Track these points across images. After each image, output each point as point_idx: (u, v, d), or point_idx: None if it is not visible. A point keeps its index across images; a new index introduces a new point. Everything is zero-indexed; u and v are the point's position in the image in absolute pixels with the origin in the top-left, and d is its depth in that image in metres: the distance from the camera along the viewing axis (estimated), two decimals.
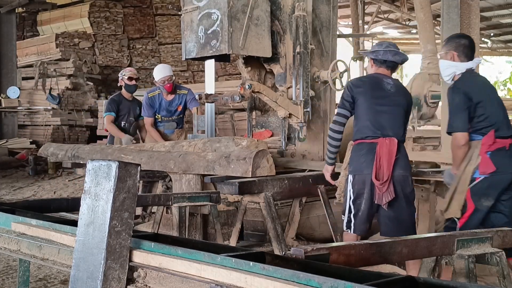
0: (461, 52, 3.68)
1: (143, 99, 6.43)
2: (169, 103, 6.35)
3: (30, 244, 2.52)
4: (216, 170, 4.15)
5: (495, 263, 2.49)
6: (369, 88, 3.85)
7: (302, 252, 2.00)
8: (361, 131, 3.82)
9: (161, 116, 6.39)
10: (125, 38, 14.14)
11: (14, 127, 12.73)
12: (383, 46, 3.94)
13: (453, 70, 3.71)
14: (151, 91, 6.42)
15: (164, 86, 6.21)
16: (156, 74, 6.29)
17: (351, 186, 3.82)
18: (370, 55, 3.94)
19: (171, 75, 6.28)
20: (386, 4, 17.24)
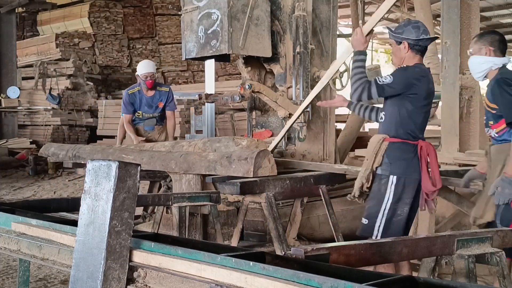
0: (497, 47, 3.56)
1: (123, 96, 6.49)
2: (150, 99, 6.41)
3: (30, 244, 2.52)
4: (218, 170, 4.15)
5: (495, 263, 2.49)
6: (425, 86, 3.56)
7: (302, 252, 2.00)
8: (407, 130, 3.55)
9: (142, 113, 6.44)
10: (125, 38, 14.16)
11: (14, 127, 12.74)
12: (420, 31, 3.57)
13: (489, 66, 3.55)
14: (131, 88, 6.50)
15: (145, 82, 6.28)
16: (140, 68, 6.38)
17: (394, 188, 3.52)
18: (409, 41, 3.56)
19: (154, 72, 6.39)
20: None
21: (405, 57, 3.59)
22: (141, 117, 6.45)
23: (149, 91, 6.37)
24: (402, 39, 3.57)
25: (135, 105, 6.39)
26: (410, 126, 3.55)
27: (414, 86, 3.50)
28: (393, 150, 3.55)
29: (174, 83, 14.44)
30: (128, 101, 6.37)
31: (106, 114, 11.74)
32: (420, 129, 3.60)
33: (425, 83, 3.54)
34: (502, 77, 3.48)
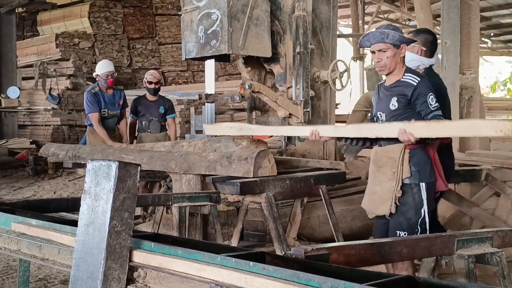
0: (428, 48, 3.73)
1: (86, 96, 6.66)
2: (112, 97, 6.73)
3: (30, 244, 2.52)
4: (218, 170, 4.15)
5: (495, 263, 2.50)
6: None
7: (302, 252, 2.00)
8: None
9: (107, 110, 6.68)
10: (125, 38, 14.15)
11: (14, 127, 12.73)
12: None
13: (418, 64, 3.71)
14: (92, 88, 6.73)
15: (106, 80, 6.58)
16: (100, 68, 6.67)
17: (426, 195, 3.43)
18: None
19: (114, 71, 6.76)
20: (386, 4, 17.24)
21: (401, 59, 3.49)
22: (106, 115, 6.68)
23: (108, 90, 6.68)
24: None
25: (99, 104, 6.59)
26: None
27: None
28: (416, 157, 3.44)
29: (174, 83, 14.44)
30: (94, 100, 6.57)
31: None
32: None
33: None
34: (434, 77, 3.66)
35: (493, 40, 21.46)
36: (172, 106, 7.05)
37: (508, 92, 26.06)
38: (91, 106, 6.56)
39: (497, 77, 26.97)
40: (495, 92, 26.04)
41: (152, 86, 6.80)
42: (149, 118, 6.83)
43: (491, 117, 15.91)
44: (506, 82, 26.67)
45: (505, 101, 19.26)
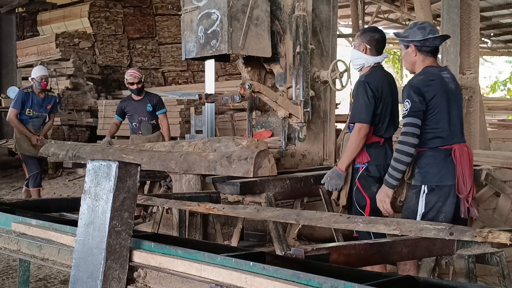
0: (373, 47, 3.85)
1: (18, 93, 7.50)
2: (41, 100, 7.32)
3: (30, 244, 2.52)
4: (218, 170, 4.14)
5: (495, 263, 2.50)
6: (437, 89, 3.40)
7: (302, 252, 2.00)
8: (433, 137, 3.40)
9: (32, 111, 7.27)
10: (125, 38, 14.15)
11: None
12: (427, 31, 3.42)
13: (363, 62, 3.89)
14: (26, 88, 7.44)
15: (41, 83, 7.19)
16: (35, 72, 7.34)
17: (425, 198, 3.39)
18: (415, 43, 3.44)
19: (47, 75, 7.46)
20: (386, 4, 17.24)
21: (415, 60, 3.49)
22: (31, 115, 7.27)
23: (40, 93, 7.28)
24: (408, 42, 3.47)
25: (26, 104, 7.21)
26: (435, 132, 3.39)
27: (425, 94, 3.36)
28: (421, 159, 3.42)
29: (174, 83, 14.44)
30: (22, 98, 7.22)
31: (106, 114, 11.72)
32: (450, 133, 3.41)
33: (437, 86, 3.40)
34: (365, 80, 3.79)
35: (493, 40, 21.47)
36: (161, 101, 6.97)
37: (508, 92, 26.07)
38: (16, 102, 7.26)
39: (497, 77, 26.98)
40: (495, 92, 26.06)
41: (134, 86, 6.77)
42: (138, 119, 6.83)
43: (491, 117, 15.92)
44: (506, 82, 26.68)
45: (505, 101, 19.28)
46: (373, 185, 3.78)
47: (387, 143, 3.93)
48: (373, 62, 3.89)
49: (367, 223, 2.49)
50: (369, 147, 3.81)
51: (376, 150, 3.83)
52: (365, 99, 3.73)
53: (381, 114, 3.80)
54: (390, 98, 3.87)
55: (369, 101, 3.72)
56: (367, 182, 3.80)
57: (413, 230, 2.28)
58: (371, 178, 3.81)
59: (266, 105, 5.31)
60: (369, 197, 3.77)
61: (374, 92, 3.74)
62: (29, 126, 7.27)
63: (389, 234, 2.57)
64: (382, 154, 3.85)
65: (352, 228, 2.63)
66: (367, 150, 3.81)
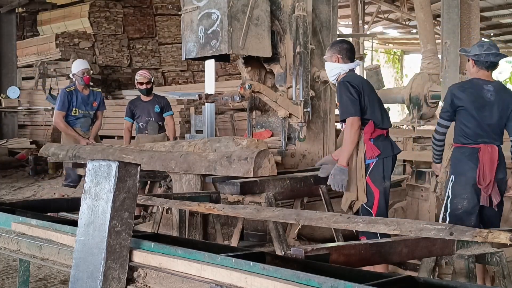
0: (344, 55, 4.11)
1: (60, 94, 6.76)
2: (86, 97, 6.73)
3: (30, 244, 2.52)
4: (218, 170, 4.14)
5: (495, 263, 2.49)
6: (470, 97, 4.01)
7: (302, 252, 2.00)
8: (463, 136, 4.04)
9: (78, 110, 6.69)
10: (125, 38, 14.14)
11: (14, 127, 12.72)
12: (484, 48, 4.05)
13: (338, 71, 4.13)
14: (68, 87, 6.78)
15: (83, 78, 6.59)
16: (76, 66, 6.70)
17: (451, 186, 4.03)
18: (472, 57, 4.06)
19: (89, 69, 6.81)
20: (386, 4, 17.25)
21: (472, 71, 4.09)
22: (77, 114, 6.69)
23: (84, 89, 6.69)
24: (468, 56, 4.09)
25: (71, 103, 6.64)
26: (466, 133, 4.00)
27: (457, 99, 4.02)
28: (454, 153, 4.10)
29: (174, 83, 14.43)
30: (65, 98, 6.62)
31: (106, 114, 11.71)
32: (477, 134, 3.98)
33: (470, 94, 4.00)
34: (344, 80, 4.03)
35: (493, 40, 21.46)
36: (168, 103, 7.02)
37: None
38: (59, 105, 6.65)
39: (497, 77, 26.97)
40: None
41: (144, 86, 6.81)
42: (145, 119, 6.85)
43: None
44: (506, 82, 26.68)
45: None
46: (383, 179, 3.98)
47: (389, 137, 4.13)
48: (347, 68, 4.12)
49: (367, 223, 2.51)
50: (376, 140, 3.98)
51: (383, 143, 4.01)
52: (348, 96, 3.95)
53: (369, 105, 4.00)
54: (373, 92, 4.14)
55: (353, 96, 3.96)
56: (378, 176, 3.96)
57: (413, 230, 2.29)
58: (382, 172, 3.97)
59: (266, 105, 5.31)
60: (379, 190, 3.95)
61: (356, 87, 3.98)
62: (77, 128, 6.72)
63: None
64: (389, 146, 4.04)
65: (352, 228, 2.67)
66: (375, 143, 3.97)
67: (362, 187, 3.98)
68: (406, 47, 26.66)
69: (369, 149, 3.95)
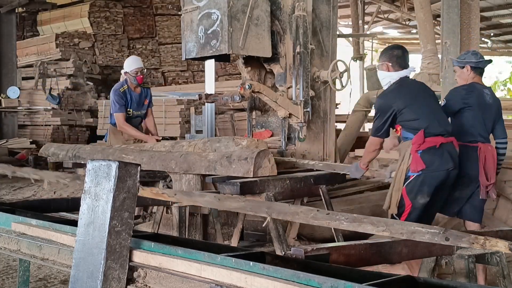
0: (395, 62, 4.01)
1: (113, 95, 6.37)
2: (138, 96, 6.41)
3: (30, 244, 2.52)
4: (218, 170, 4.14)
5: (495, 263, 2.50)
6: (477, 99, 4.23)
7: (302, 252, 2.00)
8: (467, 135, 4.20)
9: (132, 110, 6.40)
10: (125, 38, 14.14)
11: (14, 127, 12.73)
12: (478, 56, 4.36)
13: (389, 80, 4.04)
14: (120, 86, 6.40)
15: (136, 77, 6.26)
16: (129, 64, 6.35)
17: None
18: (472, 64, 4.30)
19: (143, 67, 6.42)
20: (386, 4, 17.23)
21: (468, 78, 4.32)
22: (131, 115, 6.40)
23: (136, 88, 6.37)
24: (465, 63, 4.32)
25: (126, 104, 6.33)
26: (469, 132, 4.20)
27: (464, 100, 4.22)
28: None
29: (174, 83, 14.43)
30: (121, 99, 6.29)
31: (106, 114, 11.71)
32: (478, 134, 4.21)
33: (476, 96, 4.24)
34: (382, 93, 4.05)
35: (493, 40, 21.46)
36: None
37: (508, 92, 26.06)
38: (118, 106, 6.27)
39: (497, 77, 26.96)
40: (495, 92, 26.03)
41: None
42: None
43: None
44: (506, 82, 26.68)
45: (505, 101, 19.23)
46: (422, 194, 3.77)
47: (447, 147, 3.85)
48: (398, 77, 4.01)
49: (351, 221, 2.33)
50: (425, 153, 3.78)
51: (433, 157, 3.78)
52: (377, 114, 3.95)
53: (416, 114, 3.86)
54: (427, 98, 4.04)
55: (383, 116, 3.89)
56: (416, 190, 3.77)
57: (405, 233, 2.17)
58: (422, 187, 3.77)
59: (266, 105, 5.31)
60: (411, 204, 3.78)
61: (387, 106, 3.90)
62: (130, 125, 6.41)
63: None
64: (439, 160, 3.80)
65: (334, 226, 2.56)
66: (423, 157, 3.77)
67: (395, 198, 3.83)
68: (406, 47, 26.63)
69: (414, 163, 3.77)
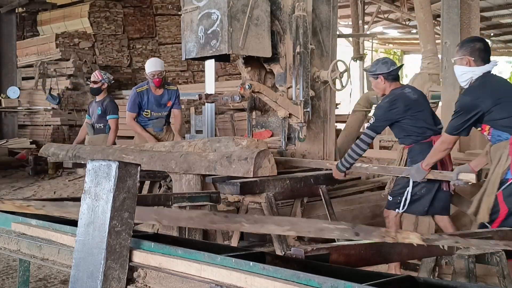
0: (477, 57, 3.62)
1: (131, 94, 6.52)
2: (159, 98, 6.43)
3: (30, 244, 2.52)
4: (218, 170, 4.14)
5: (495, 263, 2.49)
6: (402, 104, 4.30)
7: (302, 252, 2.00)
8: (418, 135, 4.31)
9: (150, 111, 6.44)
10: (125, 38, 14.14)
11: (14, 127, 12.73)
12: (389, 64, 4.42)
13: (470, 76, 3.65)
14: (139, 87, 6.49)
15: (152, 80, 6.30)
16: (147, 66, 6.41)
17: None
18: (385, 75, 4.38)
19: (162, 71, 6.37)
20: (386, 4, 17.24)
21: (384, 87, 4.43)
22: (149, 116, 6.45)
23: (157, 89, 6.39)
24: (377, 74, 4.40)
25: (142, 104, 6.38)
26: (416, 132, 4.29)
27: (394, 110, 4.29)
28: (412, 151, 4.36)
29: (174, 83, 14.43)
30: (136, 99, 6.37)
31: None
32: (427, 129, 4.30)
33: (401, 101, 4.31)
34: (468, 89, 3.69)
35: (493, 40, 21.47)
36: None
37: None
38: (130, 105, 6.40)
39: None
40: None
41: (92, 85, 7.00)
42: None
43: None
44: None
45: None
46: None
47: None
48: (481, 72, 3.63)
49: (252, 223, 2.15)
50: None
51: None
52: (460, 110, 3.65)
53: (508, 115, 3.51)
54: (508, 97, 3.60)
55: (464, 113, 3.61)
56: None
57: (312, 230, 2.05)
58: None
59: (266, 105, 5.31)
60: (508, 210, 3.49)
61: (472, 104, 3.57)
62: (149, 128, 6.48)
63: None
64: None
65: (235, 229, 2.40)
66: None
67: (487, 204, 3.55)
68: (406, 47, 26.66)
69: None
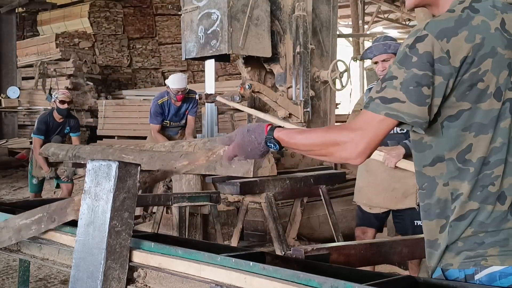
0: None
1: (152, 106, 6.54)
2: (178, 109, 6.54)
3: (30, 244, 2.52)
4: (217, 170, 4.14)
5: None
6: None
7: (302, 252, 2.00)
8: None
9: (170, 122, 6.56)
10: (125, 38, 14.16)
11: (14, 127, 12.74)
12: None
13: None
14: (160, 98, 6.55)
15: (176, 95, 6.37)
16: (172, 83, 6.42)
17: None
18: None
19: (185, 88, 6.45)
20: (386, 4, 17.25)
21: None
22: (168, 125, 6.58)
23: (177, 102, 6.48)
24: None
25: (164, 115, 6.49)
26: None
27: None
28: None
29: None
30: (158, 111, 6.45)
31: (106, 114, 11.73)
32: None
33: None
34: None
35: None
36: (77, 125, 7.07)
37: None
38: (153, 117, 6.48)
39: None
40: None
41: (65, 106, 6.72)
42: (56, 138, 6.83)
43: None
44: None
45: None
46: None
47: None
48: None
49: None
50: None
51: None
52: None
53: None
54: None
55: None
56: None
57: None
58: None
59: (266, 105, 5.31)
60: None
61: None
62: (165, 135, 6.61)
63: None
64: None
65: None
66: None
67: None
68: None
69: None
